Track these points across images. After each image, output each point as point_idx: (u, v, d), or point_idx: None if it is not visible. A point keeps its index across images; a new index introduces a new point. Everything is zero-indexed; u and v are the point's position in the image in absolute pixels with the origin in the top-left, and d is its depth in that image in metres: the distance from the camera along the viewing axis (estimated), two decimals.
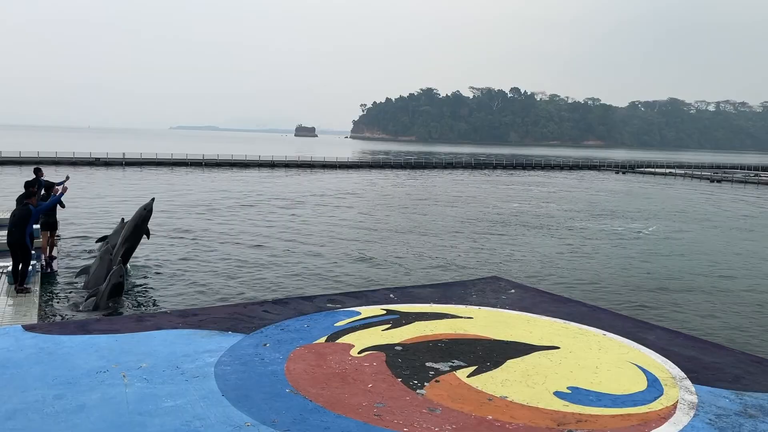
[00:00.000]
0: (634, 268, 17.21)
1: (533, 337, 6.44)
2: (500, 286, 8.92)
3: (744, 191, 49.80)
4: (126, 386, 4.84)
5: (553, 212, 30.24)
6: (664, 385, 5.27)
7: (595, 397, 4.96)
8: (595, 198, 39.37)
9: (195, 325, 6.48)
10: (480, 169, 70.48)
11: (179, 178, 43.50)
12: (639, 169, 76.14)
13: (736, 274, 17.15)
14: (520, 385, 5.15)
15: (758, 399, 5.04)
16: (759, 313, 13.27)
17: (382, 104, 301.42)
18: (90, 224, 20.71)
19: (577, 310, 7.76)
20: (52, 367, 5.21)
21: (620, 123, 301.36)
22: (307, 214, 26.50)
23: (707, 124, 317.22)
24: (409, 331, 6.48)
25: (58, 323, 8.22)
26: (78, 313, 10.50)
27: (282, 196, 33.44)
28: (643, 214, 30.94)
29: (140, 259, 15.32)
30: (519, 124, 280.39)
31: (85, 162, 53.12)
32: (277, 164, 61.66)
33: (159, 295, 12.52)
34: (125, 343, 5.86)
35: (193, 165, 56.68)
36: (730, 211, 34.24)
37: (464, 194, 38.61)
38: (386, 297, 7.97)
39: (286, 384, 5.00)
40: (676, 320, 12.10)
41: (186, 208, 26.39)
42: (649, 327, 7.25)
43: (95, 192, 31.48)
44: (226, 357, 5.56)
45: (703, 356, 6.11)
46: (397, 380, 5.17)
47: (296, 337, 6.18)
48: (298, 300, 7.98)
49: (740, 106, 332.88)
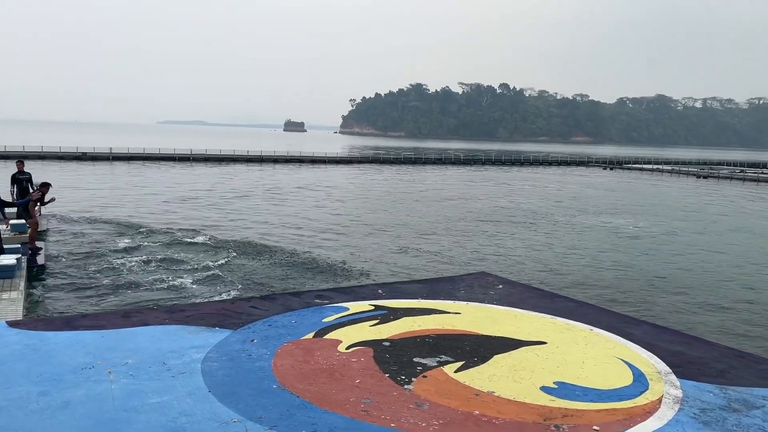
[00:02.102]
0: (621, 264, 17.33)
1: (520, 333, 6.47)
2: (488, 281, 8.94)
3: (730, 187, 50.24)
4: (112, 383, 4.81)
5: (541, 208, 30.37)
6: (650, 380, 5.31)
7: (581, 392, 4.99)
8: (583, 194, 39.58)
9: (182, 321, 6.44)
10: (469, 165, 70.61)
11: (164, 174, 43.24)
12: (627, 165, 76.62)
13: (722, 269, 17.32)
14: (507, 380, 5.17)
15: (742, 393, 5.09)
16: (744, 307, 13.41)
17: (371, 99, 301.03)
18: (78, 216, 20.56)
19: (564, 305, 7.80)
20: (37, 363, 5.16)
21: (608, 119, 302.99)
22: (294, 209, 26.44)
23: (694, 120, 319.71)
24: (397, 327, 6.49)
25: (44, 319, 8.15)
26: (65, 304, 10.43)
27: (270, 190, 33.34)
28: (631, 210, 31.14)
29: (125, 256, 15.22)
30: (508, 120, 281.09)
31: (72, 156, 52.67)
32: (266, 159, 61.47)
33: (144, 291, 12.44)
34: (111, 339, 5.81)
35: (181, 160, 56.36)
36: (715, 206, 34.54)
37: (453, 190, 38.68)
38: (374, 292, 7.97)
39: (274, 380, 4.99)
40: (662, 315, 12.21)
41: (175, 203, 26.26)
42: (635, 322, 7.30)
43: (84, 186, 31.25)
44: (213, 353, 5.53)
45: (688, 351, 6.17)
46: (385, 376, 5.17)
47: (284, 333, 6.17)
48: (286, 296, 7.96)
49: (726, 103, 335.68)
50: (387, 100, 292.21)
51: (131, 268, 14.09)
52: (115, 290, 12.24)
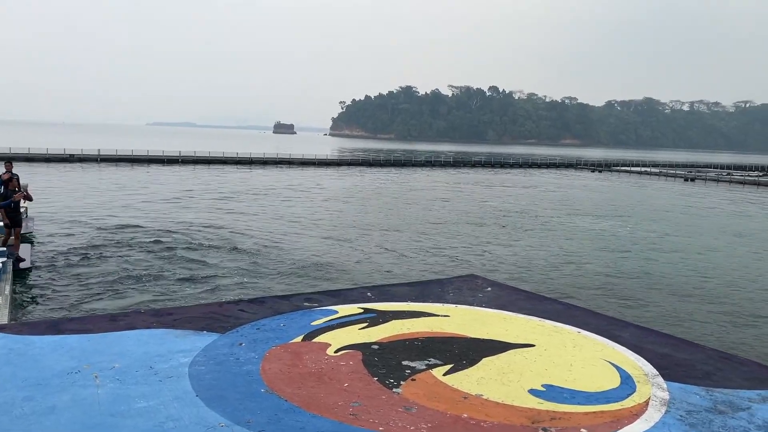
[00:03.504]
0: (609, 267, 17.42)
1: (509, 335, 6.47)
2: (477, 284, 8.95)
3: (716, 190, 50.68)
4: (98, 387, 4.76)
5: (530, 210, 30.48)
6: (637, 382, 5.33)
7: (569, 395, 5.00)
8: (571, 196, 39.77)
9: (169, 324, 6.39)
10: (458, 167, 70.77)
11: (152, 176, 43.01)
12: (615, 168, 77.10)
13: (708, 272, 17.46)
14: (495, 383, 5.17)
15: (727, 395, 5.12)
16: (730, 309, 13.52)
17: (361, 102, 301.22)
18: (65, 219, 20.39)
19: (552, 308, 7.82)
20: (22, 368, 5.10)
21: (597, 122, 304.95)
22: (283, 211, 26.38)
23: (682, 123, 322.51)
24: (385, 330, 6.47)
25: (29, 323, 8.07)
26: (51, 308, 10.34)
27: (257, 193, 33.25)
28: (619, 212, 31.32)
29: (111, 259, 15.12)
30: (497, 123, 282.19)
31: (59, 158, 52.27)
32: (255, 161, 61.30)
33: (131, 293, 12.36)
34: (97, 343, 5.76)
35: (169, 162, 56.07)
36: (702, 209, 34.82)
37: (442, 192, 38.74)
38: (363, 295, 7.95)
39: (262, 384, 4.97)
40: (649, 318, 12.28)
41: (161, 204, 26.11)
42: (623, 324, 7.33)
43: (71, 188, 31.01)
44: (200, 357, 5.49)
45: (675, 353, 6.20)
46: (374, 379, 5.16)
47: (272, 337, 6.14)
48: (275, 299, 7.92)
49: (713, 106, 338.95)
50: (377, 103, 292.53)
51: (118, 271, 14.00)
52: (102, 293, 12.17)
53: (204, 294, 12.54)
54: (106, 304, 11.41)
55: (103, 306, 11.27)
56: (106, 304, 11.46)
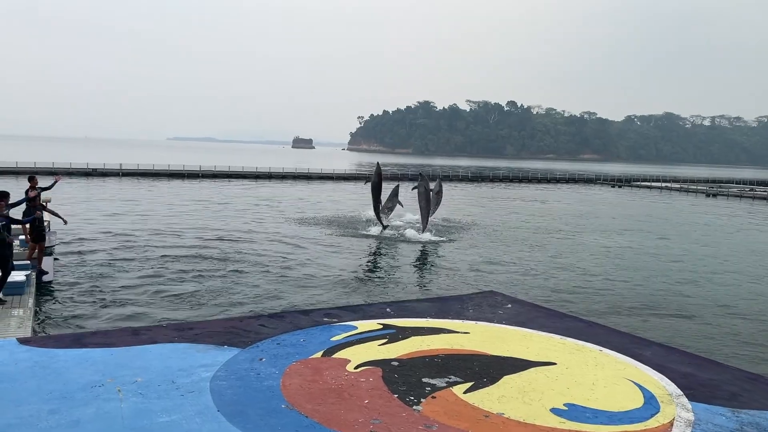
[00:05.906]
0: (631, 284, 17.22)
1: (530, 353, 6.43)
2: (497, 300, 8.91)
3: (739, 205, 49.98)
4: (121, 401, 4.81)
5: (550, 226, 30.28)
6: (661, 402, 5.26)
7: (591, 414, 4.95)
8: (592, 212, 39.46)
9: (190, 338, 6.45)
10: (477, 182, 70.64)
11: (173, 189, 43.47)
12: (635, 183, 76.38)
13: (733, 290, 17.18)
14: (516, 402, 5.14)
15: (754, 416, 5.03)
16: (755, 329, 13.29)
17: (379, 117, 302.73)
18: (85, 234, 20.66)
19: (573, 325, 7.75)
20: (47, 381, 5.18)
21: (616, 137, 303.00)
22: (302, 226, 26.47)
23: (703, 138, 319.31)
24: (405, 346, 6.46)
25: (53, 336, 8.17)
26: (74, 321, 10.46)
27: (277, 207, 33.42)
28: (642, 228, 31.00)
29: (133, 272, 15.28)
30: (515, 138, 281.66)
31: (82, 173, 53.10)
32: (274, 176, 61.77)
33: (153, 307, 12.47)
34: (120, 357, 5.82)
35: (190, 177, 56.69)
36: (726, 226, 34.34)
37: (460, 207, 38.64)
38: (383, 311, 7.95)
39: (282, 399, 4.98)
40: (672, 336, 12.10)
41: (182, 218, 26.36)
42: (645, 343, 7.24)
43: (94, 201, 31.45)
44: (221, 371, 5.53)
45: (699, 373, 6.11)
46: (394, 396, 5.15)
47: (292, 352, 6.16)
48: (294, 314, 7.95)
49: (735, 121, 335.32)
50: (395, 118, 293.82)
51: (140, 284, 14.14)
52: (124, 306, 12.29)
53: (224, 308, 12.61)
54: (129, 318, 11.53)
55: (126, 319, 11.38)
56: (128, 317, 11.57)
